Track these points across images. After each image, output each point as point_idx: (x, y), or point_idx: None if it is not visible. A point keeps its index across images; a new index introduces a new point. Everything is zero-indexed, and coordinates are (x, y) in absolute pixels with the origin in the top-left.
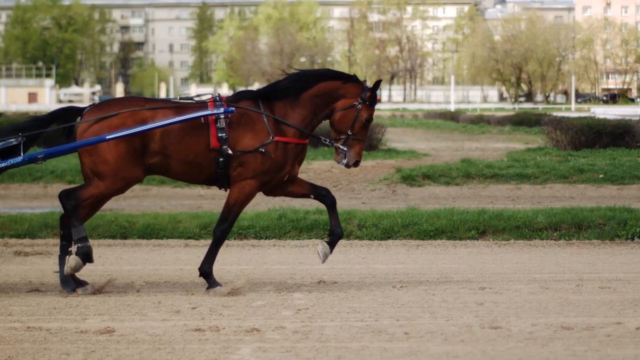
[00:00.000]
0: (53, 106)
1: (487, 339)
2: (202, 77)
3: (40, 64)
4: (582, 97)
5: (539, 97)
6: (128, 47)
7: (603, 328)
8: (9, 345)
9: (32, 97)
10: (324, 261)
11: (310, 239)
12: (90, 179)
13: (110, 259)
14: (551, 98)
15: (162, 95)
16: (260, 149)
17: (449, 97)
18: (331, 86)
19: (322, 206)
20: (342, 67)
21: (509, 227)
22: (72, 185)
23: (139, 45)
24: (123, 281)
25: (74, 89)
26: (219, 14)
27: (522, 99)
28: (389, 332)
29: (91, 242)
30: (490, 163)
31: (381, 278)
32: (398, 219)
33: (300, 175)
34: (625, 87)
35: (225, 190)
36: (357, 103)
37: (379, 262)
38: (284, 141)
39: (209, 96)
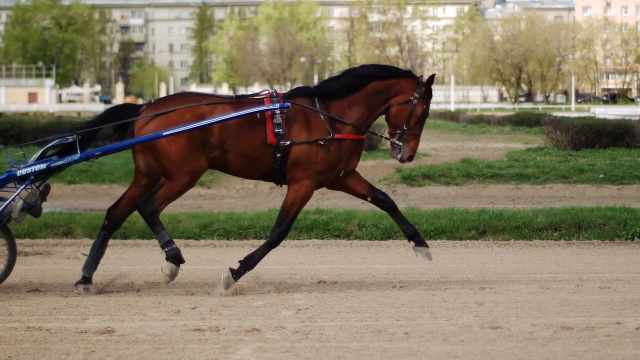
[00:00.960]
0: (53, 106)
1: (487, 339)
2: (202, 77)
3: (40, 64)
4: (582, 97)
5: (539, 97)
6: (128, 47)
7: (603, 328)
8: (9, 345)
9: (32, 97)
10: (431, 259)
11: (310, 239)
12: (143, 176)
13: (110, 259)
14: (551, 98)
15: (163, 95)
16: (319, 142)
17: (449, 97)
18: (387, 83)
19: (322, 206)
20: (342, 67)
21: (509, 227)
22: (73, 186)
23: (139, 45)
24: (123, 281)
25: (74, 89)
26: (219, 14)
27: (522, 99)
28: (389, 332)
29: (90, 242)
30: (490, 163)
31: (381, 278)
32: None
33: None
34: (625, 87)
35: (280, 186)
36: (412, 98)
37: (379, 262)
38: (340, 139)
39: (266, 92)
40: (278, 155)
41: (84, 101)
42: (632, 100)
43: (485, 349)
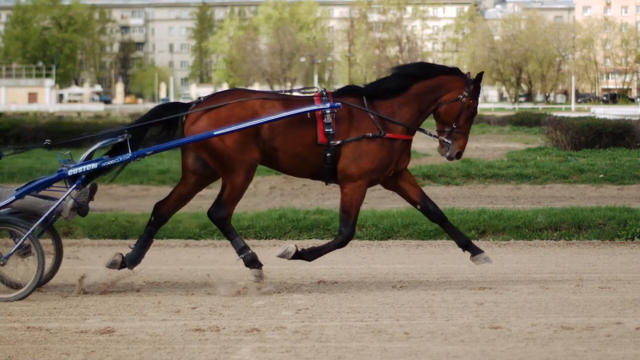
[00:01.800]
0: (53, 106)
1: (487, 339)
2: (202, 77)
3: (40, 64)
4: (582, 97)
5: (539, 97)
6: (128, 47)
7: (603, 328)
8: (9, 345)
9: (32, 97)
10: (491, 261)
11: (310, 238)
12: (191, 174)
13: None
14: (551, 98)
15: (162, 95)
16: (371, 141)
17: None
18: (435, 82)
19: (322, 206)
20: (342, 67)
21: (509, 227)
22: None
23: (139, 45)
24: (123, 281)
25: (74, 89)
26: (219, 14)
27: (522, 99)
28: (389, 332)
29: (90, 242)
30: (490, 163)
31: (381, 278)
32: (398, 219)
33: None
34: (625, 87)
35: (327, 184)
36: (461, 96)
37: (379, 262)
38: (391, 138)
39: (315, 90)
40: (328, 154)
41: (84, 101)
42: (632, 100)
43: (485, 349)
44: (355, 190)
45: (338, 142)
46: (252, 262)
